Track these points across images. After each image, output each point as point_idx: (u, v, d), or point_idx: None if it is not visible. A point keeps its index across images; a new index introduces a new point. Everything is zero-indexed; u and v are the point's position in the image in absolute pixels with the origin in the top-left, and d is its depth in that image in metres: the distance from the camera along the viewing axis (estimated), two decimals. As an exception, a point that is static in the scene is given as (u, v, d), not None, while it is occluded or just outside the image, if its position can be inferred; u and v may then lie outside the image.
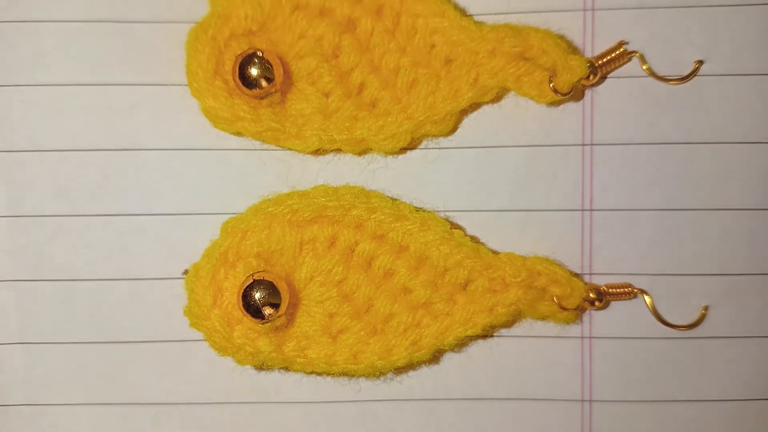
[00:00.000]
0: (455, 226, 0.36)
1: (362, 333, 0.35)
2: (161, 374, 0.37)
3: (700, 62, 0.35)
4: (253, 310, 0.33)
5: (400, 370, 0.36)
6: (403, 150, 0.36)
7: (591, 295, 0.35)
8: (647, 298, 0.36)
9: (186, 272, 0.35)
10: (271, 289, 0.33)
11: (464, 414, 0.37)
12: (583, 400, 0.36)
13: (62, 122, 0.36)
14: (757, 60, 0.35)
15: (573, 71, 0.33)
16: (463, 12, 0.35)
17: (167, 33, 0.36)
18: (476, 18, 0.35)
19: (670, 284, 0.36)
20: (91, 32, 0.35)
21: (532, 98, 0.35)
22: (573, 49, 0.35)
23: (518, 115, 0.36)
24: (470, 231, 0.36)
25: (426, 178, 0.36)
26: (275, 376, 0.37)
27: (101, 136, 0.36)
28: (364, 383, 0.37)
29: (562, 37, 0.34)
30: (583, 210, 0.36)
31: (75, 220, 0.36)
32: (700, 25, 0.35)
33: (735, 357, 0.36)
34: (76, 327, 0.36)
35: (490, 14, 0.35)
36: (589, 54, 0.35)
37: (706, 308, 0.36)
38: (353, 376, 0.36)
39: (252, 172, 0.36)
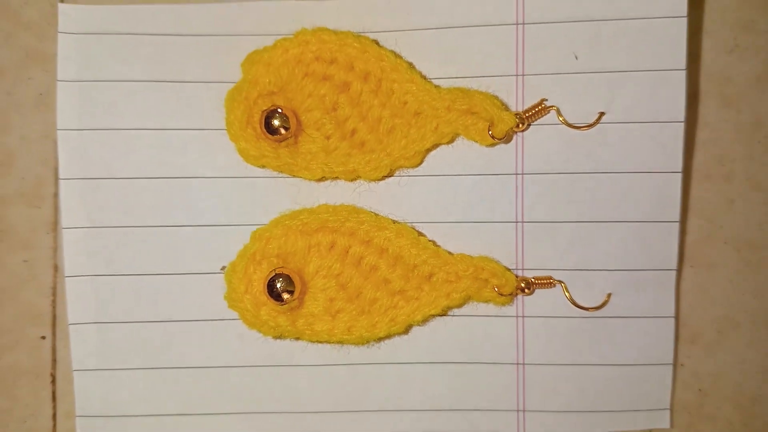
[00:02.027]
0: (421, 234, 0.39)
1: (354, 313, 0.38)
2: (203, 345, 0.40)
3: (602, 113, 0.38)
4: (275, 295, 0.37)
5: (381, 340, 0.39)
6: (384, 177, 0.39)
7: (522, 284, 0.39)
8: (564, 287, 0.39)
9: (223, 269, 0.39)
10: (288, 280, 0.37)
11: (428, 373, 0.40)
12: (518, 364, 0.40)
13: (129, 157, 0.39)
14: (644, 112, 0.38)
15: (505, 122, 0.37)
16: (426, 78, 0.38)
17: (210, 91, 0.39)
18: (435, 82, 0.39)
19: (582, 277, 0.39)
20: (152, 90, 0.39)
21: (476, 141, 0.38)
22: (505, 106, 0.38)
23: (468, 153, 0.39)
24: (432, 238, 0.40)
25: (400, 199, 0.40)
26: (289, 345, 0.40)
27: (159, 168, 0.39)
28: (354, 350, 0.40)
29: (497, 97, 0.38)
30: (516, 222, 0.39)
31: (139, 230, 0.39)
32: (602, 85, 0.38)
33: (631, 332, 0.39)
34: (138, 311, 0.40)
35: (446, 78, 0.39)
36: (519, 108, 0.39)
37: (609, 295, 0.39)
38: (346, 344, 0.39)
39: (273, 195, 0.39)
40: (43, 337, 0.41)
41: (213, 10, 0.39)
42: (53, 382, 0.41)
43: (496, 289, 0.38)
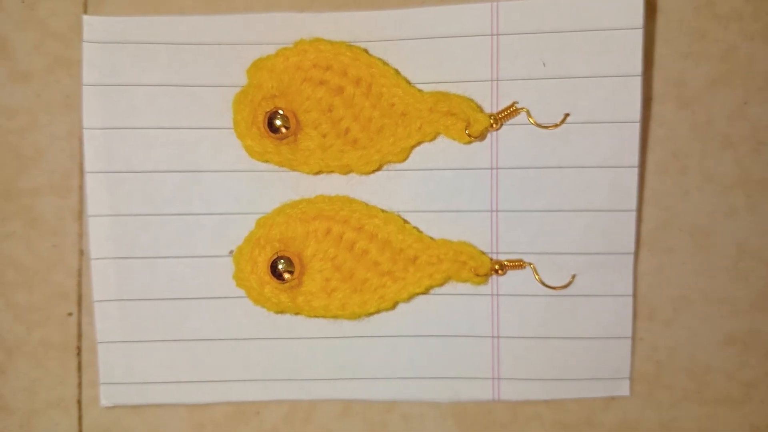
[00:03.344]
0: (407, 221, 0.40)
1: (347, 291, 0.39)
2: (214, 319, 0.41)
3: (567, 114, 0.40)
4: (277, 275, 0.38)
5: (371, 315, 0.40)
6: (374, 171, 0.40)
7: (496, 266, 0.40)
8: (534, 269, 0.40)
9: (231, 252, 0.40)
10: (289, 262, 0.38)
11: (413, 345, 0.41)
12: (493, 337, 0.41)
13: (148, 153, 0.40)
14: (604, 113, 0.40)
15: (480, 123, 0.39)
16: (410, 82, 0.40)
17: (219, 94, 0.40)
18: (419, 86, 0.40)
19: (549, 260, 0.40)
20: (168, 92, 0.40)
21: (455, 139, 0.40)
22: (481, 108, 0.40)
23: (448, 149, 0.40)
24: (417, 225, 0.41)
25: (388, 190, 0.41)
26: (290, 319, 0.41)
27: (175, 162, 0.40)
28: (347, 323, 0.41)
29: (473, 100, 0.39)
30: (491, 211, 0.41)
31: (157, 218, 0.41)
32: (567, 90, 0.40)
33: (593, 309, 0.41)
34: (156, 289, 0.41)
35: (428, 83, 0.40)
36: (493, 110, 0.40)
37: (573, 276, 0.40)
38: (341, 318, 0.40)
39: (275, 186, 0.40)
40: (70, 314, 0.43)
41: (222, 21, 0.40)
42: (79, 354, 0.43)
43: (473, 270, 0.40)
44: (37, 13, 0.42)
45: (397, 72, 0.40)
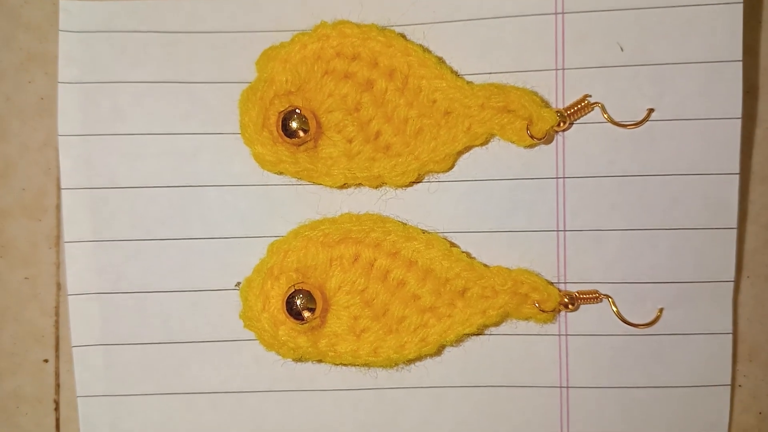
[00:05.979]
0: (454, 244, 0.39)
1: (381, 332, 0.38)
2: (217, 368, 0.40)
3: (651, 110, 0.38)
4: (294, 313, 0.37)
5: (410, 362, 0.39)
6: (411, 183, 0.39)
7: (565, 300, 0.38)
8: (611, 302, 0.39)
9: (238, 284, 0.39)
10: (309, 296, 0.37)
11: (462, 398, 0.40)
12: (561, 387, 0.39)
13: (137, 164, 0.39)
14: (696, 108, 0.38)
15: (545, 120, 0.37)
16: (457, 74, 0.38)
17: (222, 92, 0.39)
18: (467, 78, 0.38)
19: (631, 290, 0.39)
20: (160, 91, 0.39)
21: (513, 142, 0.38)
22: (545, 103, 0.38)
23: (503, 155, 0.39)
24: (466, 249, 0.39)
25: (429, 206, 0.39)
26: (310, 368, 0.40)
27: (169, 176, 0.39)
28: (381, 373, 0.40)
29: (536, 93, 0.38)
30: (557, 231, 0.39)
31: (148, 243, 0.39)
32: (650, 80, 0.38)
33: (685, 350, 0.39)
34: (147, 331, 0.40)
35: (479, 74, 0.39)
36: (560, 106, 0.38)
37: (660, 310, 0.39)
38: (373, 366, 0.39)
39: (291, 203, 0.40)
40: (46, 361, 0.41)
41: (225, 5, 0.39)
42: (57, 408, 0.41)
43: (536, 304, 0.38)
44: (7, 1, 0.41)
45: (439, 61, 0.38)
